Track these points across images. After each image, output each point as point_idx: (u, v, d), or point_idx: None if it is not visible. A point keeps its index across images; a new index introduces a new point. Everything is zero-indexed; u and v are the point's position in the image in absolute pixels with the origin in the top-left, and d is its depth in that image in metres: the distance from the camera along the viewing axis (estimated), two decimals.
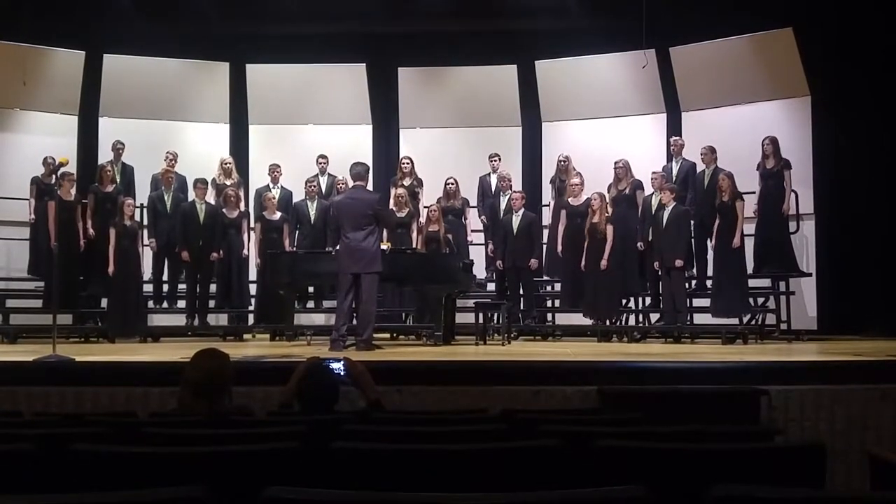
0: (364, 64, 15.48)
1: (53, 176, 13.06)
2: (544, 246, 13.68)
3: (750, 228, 12.35)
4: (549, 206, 14.19)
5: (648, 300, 13.04)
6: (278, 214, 13.43)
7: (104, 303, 13.06)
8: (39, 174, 13.36)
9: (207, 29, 14.95)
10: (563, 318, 13.65)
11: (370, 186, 12.24)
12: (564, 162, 13.86)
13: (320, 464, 3.39)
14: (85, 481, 3.30)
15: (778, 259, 12.43)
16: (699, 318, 12.53)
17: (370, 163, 14.84)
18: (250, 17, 14.78)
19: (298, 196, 13.98)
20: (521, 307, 13.28)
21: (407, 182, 13.84)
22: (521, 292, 13.28)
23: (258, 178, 14.73)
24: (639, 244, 12.76)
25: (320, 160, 14.23)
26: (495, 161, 14.24)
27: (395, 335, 13.19)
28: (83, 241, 12.91)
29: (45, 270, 12.64)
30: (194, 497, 2.41)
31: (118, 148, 14.01)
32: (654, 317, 12.95)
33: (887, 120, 12.76)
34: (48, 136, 14.49)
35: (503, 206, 13.58)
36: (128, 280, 12.71)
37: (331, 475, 3.32)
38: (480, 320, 12.31)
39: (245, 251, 13.43)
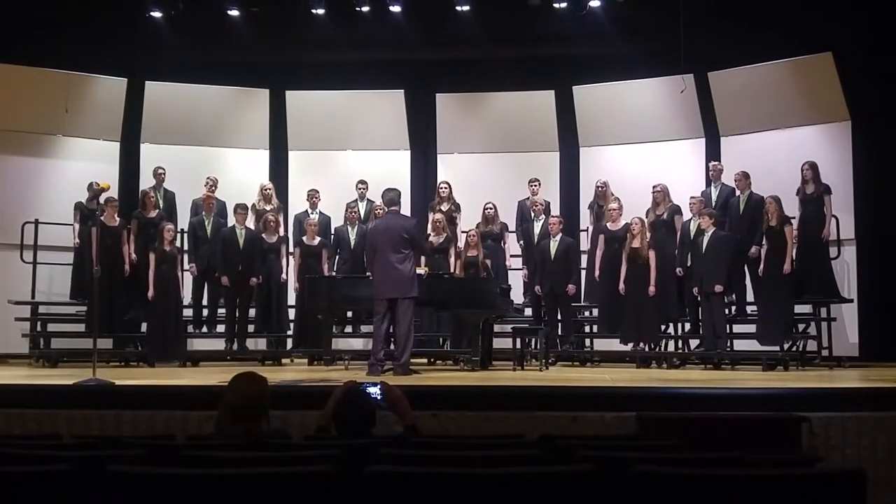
0: (402, 90, 15.54)
1: (96, 201, 13.14)
2: (583, 271, 13.65)
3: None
4: (587, 230, 14.14)
5: (688, 326, 12.96)
6: (317, 239, 13.49)
7: (144, 327, 13.11)
8: (83, 199, 13.46)
9: (247, 56, 15.06)
10: (602, 344, 13.60)
11: (407, 211, 12.26)
12: (602, 187, 13.83)
13: (356, 487, 3.38)
14: (121, 502, 3.30)
15: (819, 285, 12.31)
16: (739, 344, 12.46)
17: (408, 188, 15.02)
18: (290, 45, 14.87)
19: (337, 221, 14.04)
20: (559, 332, 13.21)
21: (445, 207, 13.84)
22: (559, 318, 13.21)
23: (297, 203, 14.81)
24: (677, 269, 12.67)
25: (359, 185, 14.27)
26: (535, 186, 14.20)
27: (432, 360, 13.17)
28: (126, 267, 12.96)
29: (87, 295, 12.74)
30: None
31: (160, 174, 14.08)
32: (694, 343, 12.88)
33: None
34: (91, 162, 14.63)
35: (539, 230, 13.55)
36: (167, 305, 12.77)
37: (366, 499, 3.31)
38: (518, 346, 12.26)
39: (284, 276, 13.49)
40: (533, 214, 13.90)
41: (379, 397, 5.70)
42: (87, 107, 14.87)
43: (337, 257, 13.69)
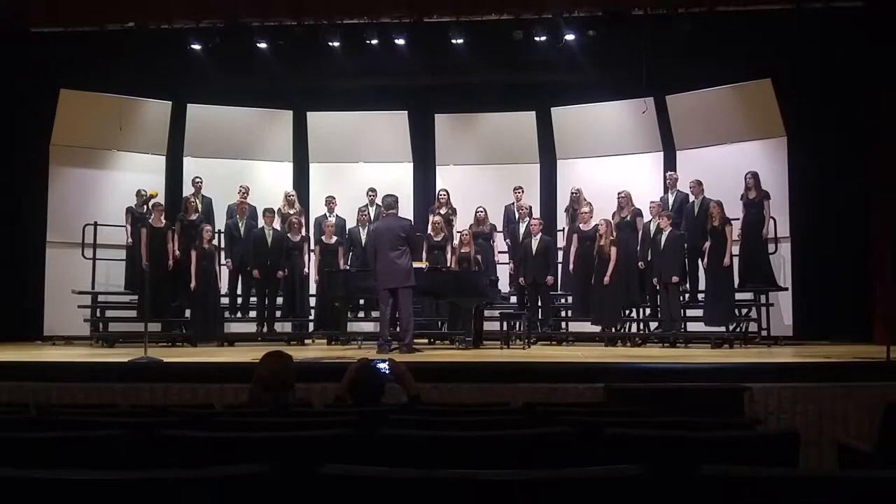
0: (406, 111, 15.52)
1: (145, 206, 13.17)
2: (559, 265, 13.66)
3: (735, 250, 12.27)
4: (563, 231, 14.13)
5: (648, 311, 12.97)
6: (334, 239, 13.51)
7: (188, 313, 13.12)
8: (133, 205, 13.48)
9: (274, 82, 15.03)
10: (576, 326, 13.59)
11: (410, 214, 12.23)
12: (576, 193, 13.83)
13: (368, 447, 3.40)
14: (168, 462, 3.32)
15: (759, 276, 12.34)
16: (692, 326, 12.44)
17: (411, 195, 15.00)
18: (310, 73, 14.84)
19: (351, 223, 14.03)
20: (539, 317, 13.23)
21: (443, 211, 13.83)
22: (539, 304, 13.23)
23: (317, 208, 14.79)
24: (639, 263, 12.70)
25: (370, 193, 14.24)
26: (518, 192, 14.17)
27: (432, 340, 13.17)
28: (171, 262, 12.97)
29: (138, 286, 12.75)
30: (261, 473, 2.42)
31: (198, 183, 14.08)
32: (654, 325, 12.89)
33: (853, 155, 12.69)
34: (140, 173, 14.62)
35: (523, 230, 13.54)
36: (207, 294, 12.79)
37: (377, 457, 3.32)
38: (504, 328, 12.31)
39: (306, 270, 13.52)
40: (517, 217, 13.91)
41: (387, 372, 5.72)
42: (137, 126, 14.86)
43: (351, 254, 13.68)
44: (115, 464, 3.32)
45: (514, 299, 13.65)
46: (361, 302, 13.50)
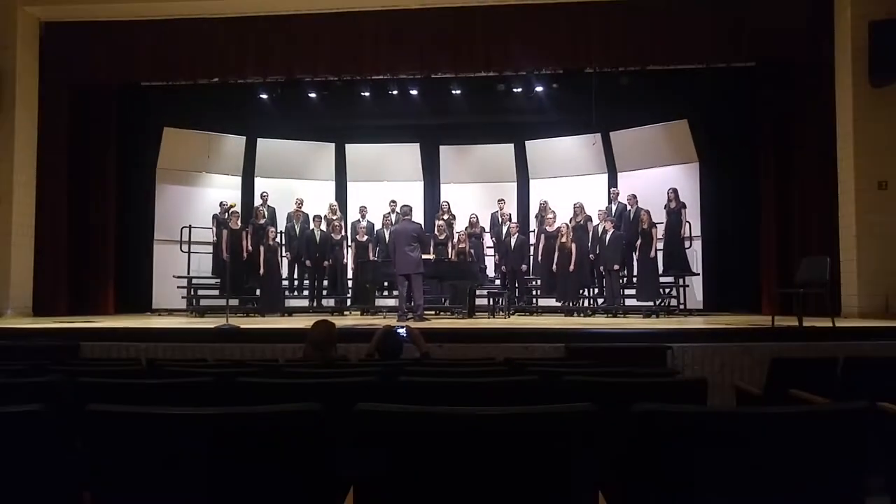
0: (418, 143, 15.51)
1: (226, 214, 13.16)
2: (531, 257, 13.67)
3: (660, 245, 12.28)
4: (534, 231, 14.12)
5: (596, 290, 12.99)
6: (365, 238, 13.49)
7: (258, 292, 13.14)
8: (217, 212, 13.47)
9: (321, 121, 15.04)
10: (543, 302, 13.57)
11: (421, 219, 12.21)
12: (544, 204, 13.79)
13: (392, 391, 3.42)
14: (246, 401, 3.34)
15: (678, 264, 12.35)
16: (629, 302, 12.47)
17: (422, 206, 15.00)
18: (348, 114, 14.85)
19: (378, 226, 14.00)
20: (516, 295, 13.23)
21: (445, 217, 13.83)
22: (517, 286, 13.24)
23: (353, 214, 14.75)
24: (590, 255, 12.71)
25: (391, 203, 14.20)
26: (502, 203, 14.17)
27: (437, 312, 13.19)
28: (245, 255, 12.95)
29: (221, 272, 12.76)
30: (313, 410, 2.44)
31: (265, 196, 14.06)
32: (601, 301, 12.90)
33: (747, 176, 12.69)
34: (223, 189, 14.60)
35: (504, 231, 13.53)
36: (273, 278, 12.80)
37: (398, 397, 3.35)
38: (491, 303, 12.32)
39: (345, 261, 13.52)
40: (500, 221, 13.90)
41: (405, 335, 5.75)
42: (221, 154, 14.85)
43: (378, 249, 13.66)
44: (205, 402, 3.35)
45: (498, 282, 13.68)
46: (385, 284, 13.51)
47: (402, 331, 5.75)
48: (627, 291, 12.62)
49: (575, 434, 2.30)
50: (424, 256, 11.04)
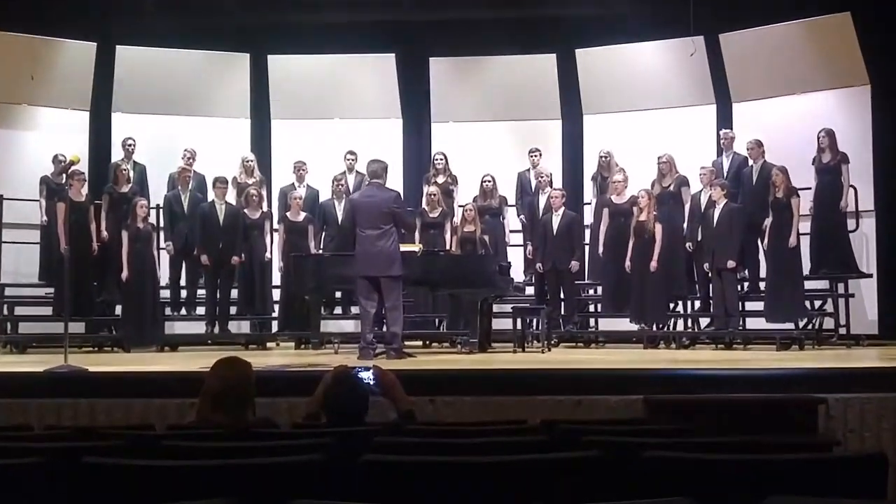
0: (393, 54, 15.49)
1: (64, 175, 13.08)
2: (586, 247, 13.67)
3: (805, 227, 12.27)
4: (590, 204, 14.13)
5: (698, 304, 13.00)
6: (303, 215, 13.46)
7: (119, 310, 13.09)
8: (49, 173, 13.38)
9: (226, 19, 14.99)
10: (607, 324, 13.61)
11: (399, 184, 12.20)
12: (606, 157, 13.81)
13: (349, 477, 3.41)
14: (99, 496, 3.32)
15: (836, 259, 12.35)
16: (752, 323, 12.47)
17: (400, 159, 14.96)
18: (272, 6, 14.81)
19: (325, 195, 13.98)
20: (562, 312, 13.23)
21: (440, 179, 13.83)
22: (562, 296, 13.24)
23: (282, 176, 14.75)
24: (687, 245, 12.71)
25: (348, 157, 14.20)
26: (535, 156, 14.17)
27: (427, 342, 13.18)
28: (96, 245, 12.93)
29: (56, 276, 12.70)
30: None
31: (129, 145, 14.02)
32: (704, 321, 12.93)
33: None
34: (58, 134, 14.51)
35: (542, 204, 13.55)
36: (143, 286, 12.75)
37: (360, 489, 3.33)
38: (518, 326, 12.33)
39: (268, 254, 13.51)
40: (534, 187, 13.89)
41: (371, 382, 5.72)
42: (54, 73, 14.74)
43: (324, 234, 13.66)
44: (32, 501, 3.32)
45: (530, 290, 13.66)
46: (338, 295, 13.49)
47: (366, 375, 5.74)
48: (750, 306, 12.63)
49: None
50: (405, 248, 11.02)
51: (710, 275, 12.40)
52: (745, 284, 12.74)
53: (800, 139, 12.86)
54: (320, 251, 13.21)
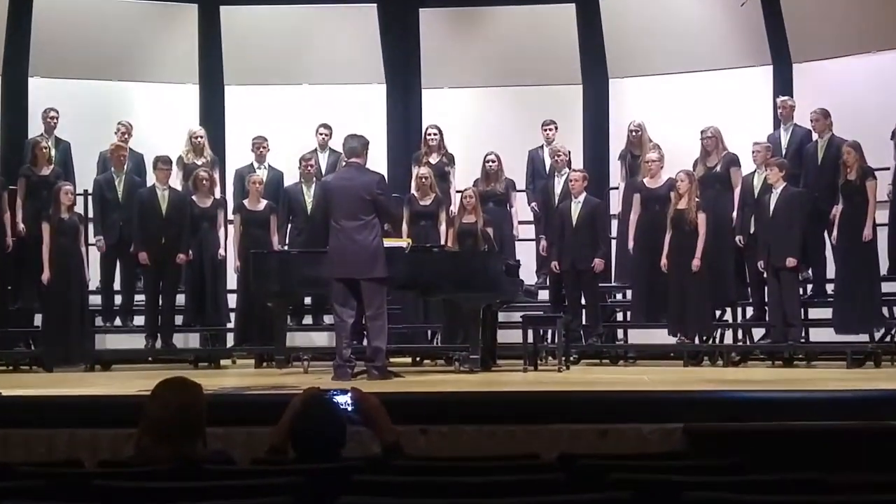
0: (374, 3, 15.53)
1: None
2: (613, 241, 13.69)
3: (883, 216, 12.29)
4: (618, 188, 14.16)
5: (750, 311, 13.02)
6: (264, 203, 13.45)
7: (38, 320, 13.09)
8: None
9: None
10: (639, 336, 13.63)
11: (383, 164, 12.20)
12: (637, 131, 13.80)
13: None
14: None
15: None
16: (817, 335, 12.49)
17: (384, 134, 14.96)
18: None
19: (292, 178, 14.00)
20: (583, 322, 13.26)
21: (434, 159, 13.85)
22: (583, 302, 13.28)
23: (238, 155, 14.76)
24: (737, 238, 12.73)
25: (321, 131, 14.20)
26: (549, 130, 14.17)
27: (418, 359, 13.21)
28: (11, 240, 12.93)
29: None
30: None
31: (50, 118, 13.98)
32: (758, 333, 12.94)
33: None
34: None
35: (559, 189, 13.57)
36: (68, 290, 12.75)
37: None
38: (529, 340, 12.31)
39: (222, 251, 13.51)
40: (549, 168, 13.90)
41: (349, 408, 5.74)
42: None
43: (290, 226, 13.68)
44: None
45: (544, 295, 13.68)
46: (308, 301, 13.53)
47: (342, 400, 5.75)
48: (815, 313, 12.67)
49: None
50: (390, 243, 11.05)
51: (765, 275, 12.42)
52: (809, 287, 12.76)
53: (876, 108, 12.88)
54: (285, 247, 13.22)
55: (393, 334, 11.24)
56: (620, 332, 13.92)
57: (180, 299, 13.44)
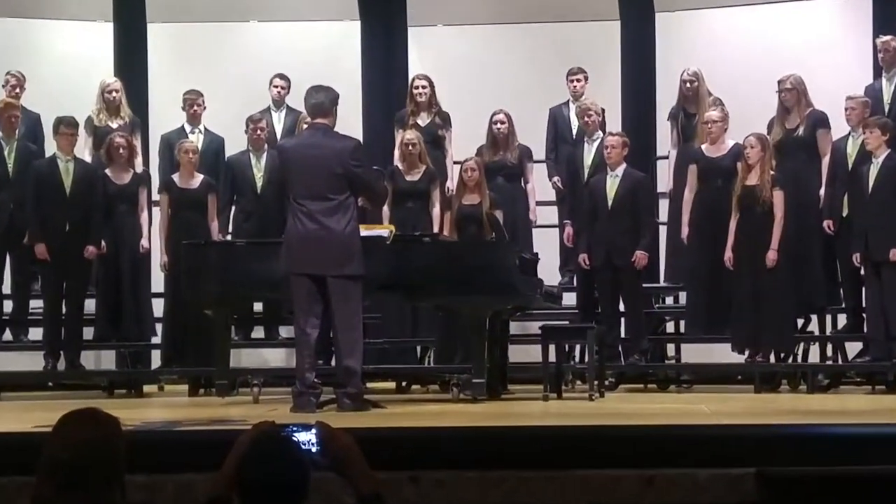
0: None
1: None
2: (662, 228, 13.73)
3: None
4: (667, 158, 14.22)
5: (843, 320, 13.05)
6: (200, 178, 13.50)
7: None
8: None
9: None
10: (695, 353, 13.68)
11: (357, 126, 12.27)
12: (693, 82, 13.81)
13: None
14: None
15: None
16: None
17: (358, 86, 15.01)
18: None
19: (236, 146, 14.06)
20: (622, 334, 13.32)
21: (424, 119, 13.93)
22: (622, 308, 13.35)
23: (165, 115, 14.85)
24: (825, 224, 12.76)
25: (275, 83, 14.29)
26: (577, 81, 14.21)
27: (404, 384, 13.27)
28: None
29: None
30: None
31: None
32: (854, 349, 12.97)
33: None
34: None
35: (589, 159, 13.63)
36: None
37: None
38: (551, 358, 12.36)
39: (145, 242, 13.56)
40: (576, 131, 13.94)
41: (314, 449, 5.78)
42: None
43: (234, 208, 13.73)
44: None
45: (570, 299, 13.73)
46: (258, 308, 13.57)
47: (305, 438, 5.78)
48: None
49: None
50: (367, 231, 11.09)
51: (862, 272, 12.48)
52: None
53: None
54: (228, 236, 13.26)
55: (371, 351, 11.26)
56: (671, 349, 13.96)
57: (90, 306, 13.47)
